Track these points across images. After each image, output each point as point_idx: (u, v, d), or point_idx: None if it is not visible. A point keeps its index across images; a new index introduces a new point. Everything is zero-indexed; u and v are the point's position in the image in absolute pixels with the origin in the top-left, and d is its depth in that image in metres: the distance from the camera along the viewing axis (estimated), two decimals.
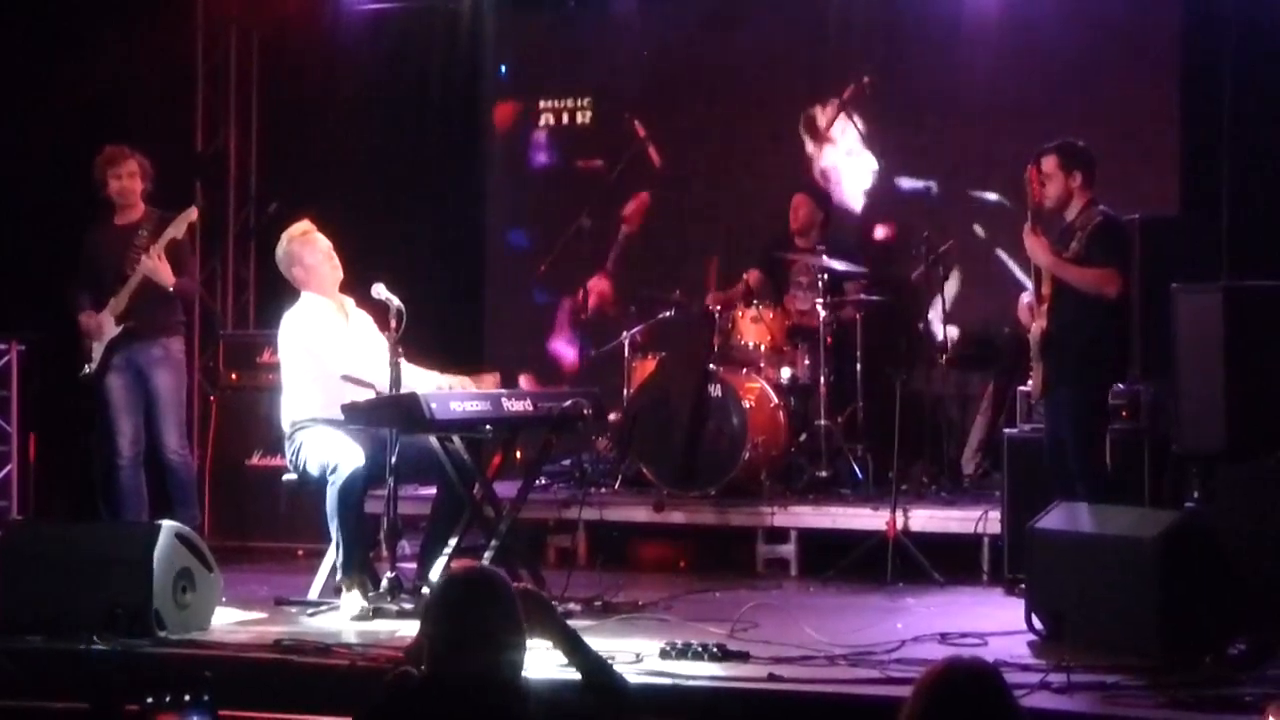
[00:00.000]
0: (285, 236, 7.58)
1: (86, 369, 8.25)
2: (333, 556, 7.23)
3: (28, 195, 9.63)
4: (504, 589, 4.20)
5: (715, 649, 5.98)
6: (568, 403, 7.41)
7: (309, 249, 7.50)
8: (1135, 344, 8.47)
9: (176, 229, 8.19)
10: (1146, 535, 6.28)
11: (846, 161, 10.74)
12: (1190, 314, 7.17)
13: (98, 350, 8.22)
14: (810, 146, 10.82)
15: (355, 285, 7.56)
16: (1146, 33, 9.99)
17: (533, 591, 4.68)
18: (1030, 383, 7.68)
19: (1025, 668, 5.85)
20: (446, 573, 4.53)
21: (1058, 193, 7.45)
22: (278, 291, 8.44)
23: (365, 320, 7.58)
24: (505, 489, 7.73)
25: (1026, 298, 7.69)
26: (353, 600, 7.03)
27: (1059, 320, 7.39)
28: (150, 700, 3.90)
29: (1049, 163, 7.46)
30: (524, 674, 4.19)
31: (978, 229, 10.18)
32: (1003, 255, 9.97)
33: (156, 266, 8.10)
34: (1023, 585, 7.12)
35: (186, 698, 3.94)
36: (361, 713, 4.24)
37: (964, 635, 6.52)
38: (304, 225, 7.59)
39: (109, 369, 8.22)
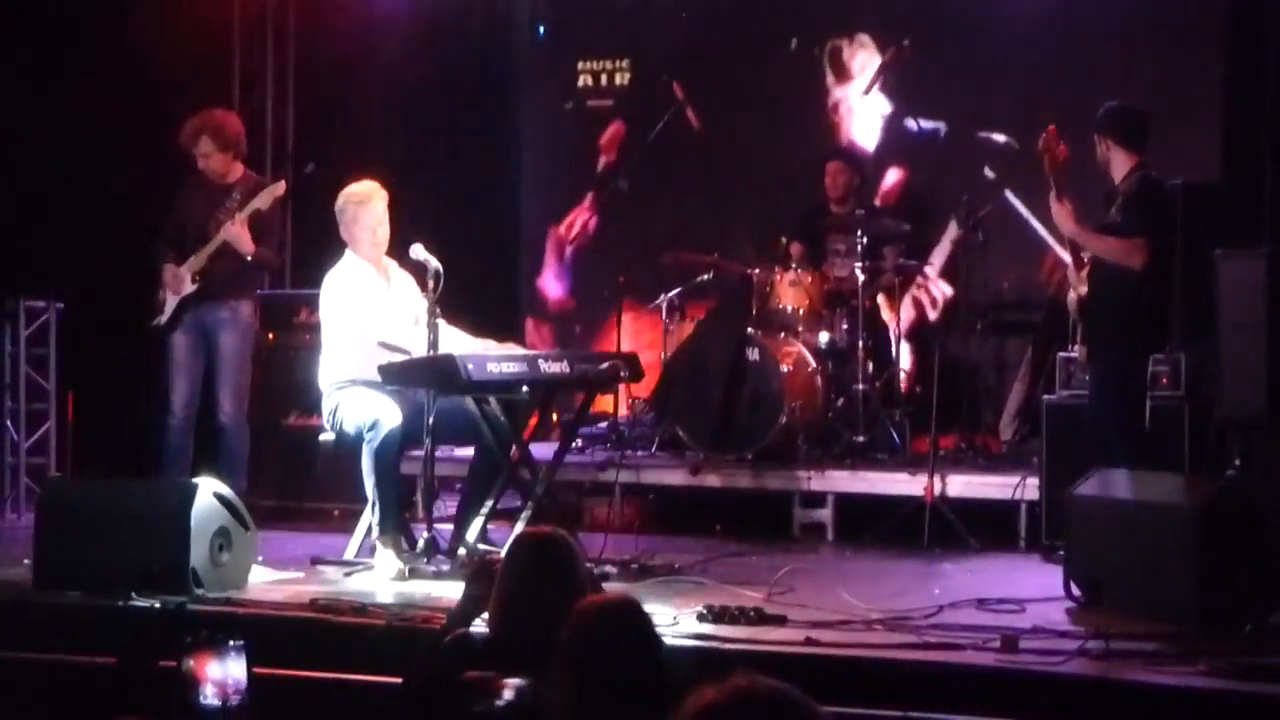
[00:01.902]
0: (346, 192, 7.53)
1: (158, 320, 8.26)
2: (369, 517, 7.23)
3: (65, 155, 9.63)
4: (573, 553, 4.21)
5: (752, 612, 5.97)
6: (604, 365, 7.40)
7: (358, 216, 7.45)
8: (1176, 310, 8.41)
9: (262, 201, 8.17)
10: (1187, 503, 6.24)
11: (860, 101, 10.73)
12: (1233, 280, 7.10)
13: (171, 304, 8.23)
14: (830, 80, 10.81)
15: (393, 246, 7.54)
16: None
17: None
18: (1076, 349, 7.63)
19: (1063, 634, 5.82)
20: (517, 536, 4.54)
21: (1099, 158, 7.40)
22: (315, 251, 8.44)
23: (407, 282, 7.55)
24: (541, 450, 7.72)
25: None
26: (388, 560, 7.03)
27: (1095, 287, 7.34)
28: (188, 640, 3.92)
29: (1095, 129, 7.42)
30: None
31: (987, 171, 10.12)
32: (1011, 198, 9.89)
33: (238, 234, 8.08)
34: (1059, 552, 7.08)
35: (221, 638, 3.96)
36: (413, 671, 4.24)
37: (1001, 601, 6.48)
38: (365, 188, 7.51)
39: (177, 325, 8.24)
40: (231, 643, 3.95)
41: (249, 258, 8.17)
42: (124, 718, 3.51)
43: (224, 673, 3.92)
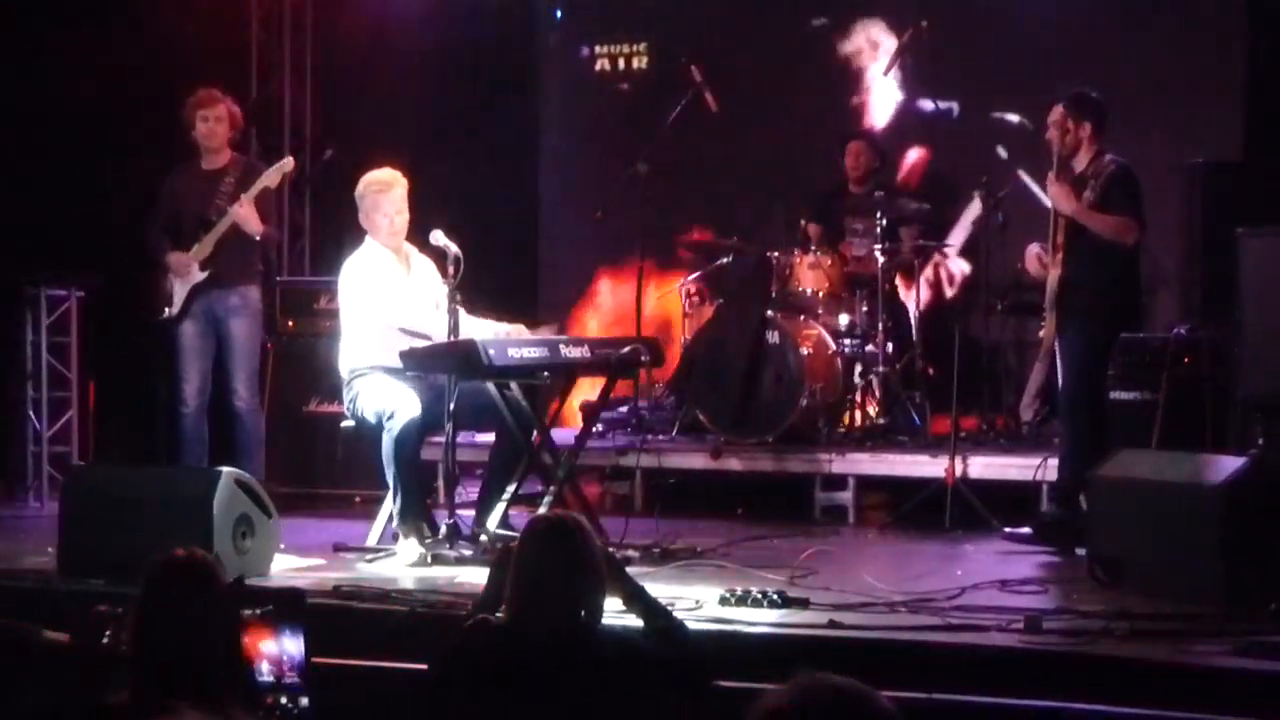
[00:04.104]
0: (366, 179, 7.52)
1: (168, 311, 8.24)
2: (390, 503, 7.23)
3: (85, 142, 9.64)
4: (587, 537, 4.21)
5: (775, 596, 5.95)
6: (625, 349, 7.39)
7: (378, 203, 7.43)
8: (1195, 289, 8.40)
9: (271, 179, 8.15)
10: (1210, 482, 6.21)
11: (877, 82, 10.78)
12: (1255, 258, 7.10)
13: (180, 293, 8.19)
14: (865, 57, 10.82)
15: (413, 231, 7.53)
16: None
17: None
18: (1043, 328, 7.60)
19: (1087, 615, 5.81)
20: (531, 521, 4.54)
21: (1072, 142, 7.40)
22: (334, 238, 8.44)
23: (428, 268, 7.55)
24: (562, 435, 7.71)
25: (1034, 247, 7.60)
26: (410, 547, 7.03)
27: (1075, 267, 7.32)
28: (246, 612, 3.93)
29: (1058, 110, 7.41)
30: (601, 620, 4.20)
31: (1000, 151, 10.10)
32: (1025, 178, 9.85)
33: (247, 214, 8.05)
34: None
35: (278, 614, 3.97)
36: (437, 657, 4.26)
37: (1024, 582, 6.49)
38: (386, 176, 7.49)
39: (186, 315, 8.22)
40: (290, 621, 3.95)
41: (258, 237, 8.15)
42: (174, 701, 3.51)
43: (279, 649, 3.93)
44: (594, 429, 8.13)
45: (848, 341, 9.39)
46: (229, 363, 8.25)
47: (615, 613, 4.58)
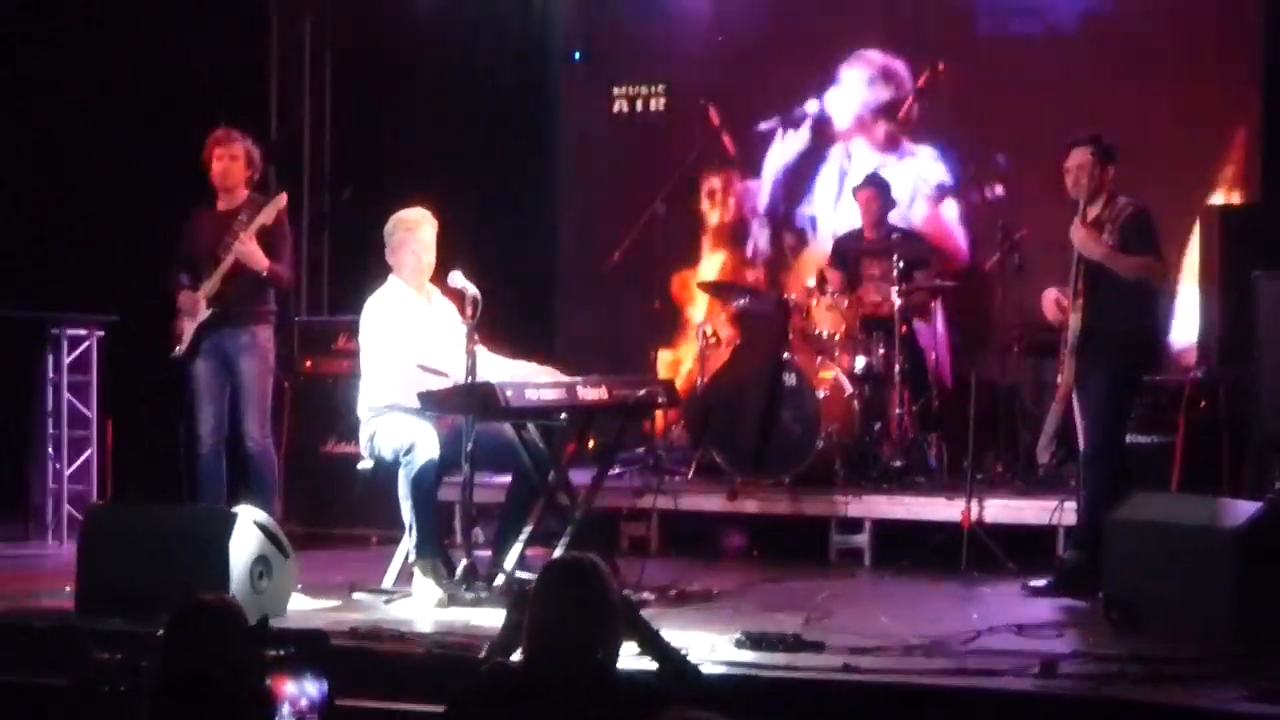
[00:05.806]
0: (396, 216, 7.56)
1: (177, 350, 8.27)
2: (407, 543, 7.24)
3: (103, 180, 9.69)
4: (604, 579, 4.22)
5: (790, 638, 5.96)
6: (642, 391, 7.41)
7: (405, 241, 7.48)
8: (1215, 332, 8.39)
9: (266, 215, 8.18)
10: (1228, 526, 6.22)
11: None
12: (1272, 300, 7.10)
13: (189, 331, 8.23)
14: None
15: (434, 272, 7.56)
16: (1229, 19, 9.88)
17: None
18: (1061, 374, 7.57)
19: (1102, 658, 5.80)
20: (548, 562, 4.55)
21: (1093, 186, 7.38)
22: (353, 277, 8.46)
23: (449, 310, 7.57)
24: (579, 476, 7.73)
25: (1052, 293, 7.57)
26: (427, 588, 7.04)
27: (1097, 314, 7.31)
28: (269, 653, 3.95)
29: (1081, 154, 7.38)
30: (617, 663, 4.20)
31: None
32: None
33: (250, 251, 8.07)
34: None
35: (300, 657, 3.99)
36: (454, 699, 4.26)
37: (1040, 625, 6.48)
38: (416, 215, 7.53)
39: (197, 353, 8.23)
40: (311, 667, 3.97)
41: (263, 273, 8.16)
42: None
43: (301, 690, 3.95)
44: (610, 469, 8.13)
45: (865, 384, 9.39)
46: (239, 403, 8.24)
47: (631, 655, 4.59)
